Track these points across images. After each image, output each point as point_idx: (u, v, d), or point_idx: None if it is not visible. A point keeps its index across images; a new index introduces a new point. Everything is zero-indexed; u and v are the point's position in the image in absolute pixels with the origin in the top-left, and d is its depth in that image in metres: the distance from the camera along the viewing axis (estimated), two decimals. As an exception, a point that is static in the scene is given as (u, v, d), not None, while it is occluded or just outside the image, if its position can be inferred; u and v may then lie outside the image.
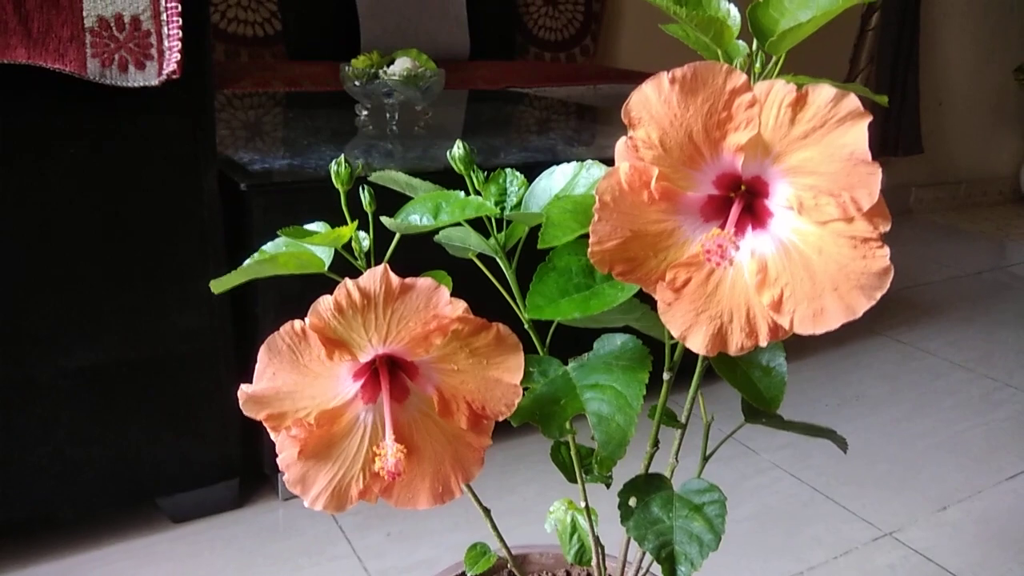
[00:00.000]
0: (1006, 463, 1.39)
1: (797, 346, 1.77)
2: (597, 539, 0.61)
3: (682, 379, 0.52)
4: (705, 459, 0.59)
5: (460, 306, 0.38)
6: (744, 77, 0.34)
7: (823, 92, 0.32)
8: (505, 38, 3.18)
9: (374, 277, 0.35)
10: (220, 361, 1.06)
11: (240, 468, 1.14)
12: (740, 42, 0.46)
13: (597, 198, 0.37)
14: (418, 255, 0.55)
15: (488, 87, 2.46)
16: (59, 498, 1.01)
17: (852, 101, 0.32)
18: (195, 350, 1.03)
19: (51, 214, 0.90)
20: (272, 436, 0.38)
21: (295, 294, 1.02)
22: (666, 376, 0.53)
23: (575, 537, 0.63)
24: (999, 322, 2.04)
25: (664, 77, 0.35)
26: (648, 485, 0.55)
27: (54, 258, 0.92)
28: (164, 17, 0.86)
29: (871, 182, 0.33)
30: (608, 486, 0.59)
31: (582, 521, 0.62)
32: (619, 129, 0.40)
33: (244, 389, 0.36)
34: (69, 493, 1.01)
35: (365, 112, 1.61)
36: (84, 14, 0.83)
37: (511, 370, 0.39)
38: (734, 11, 0.44)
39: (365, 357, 0.38)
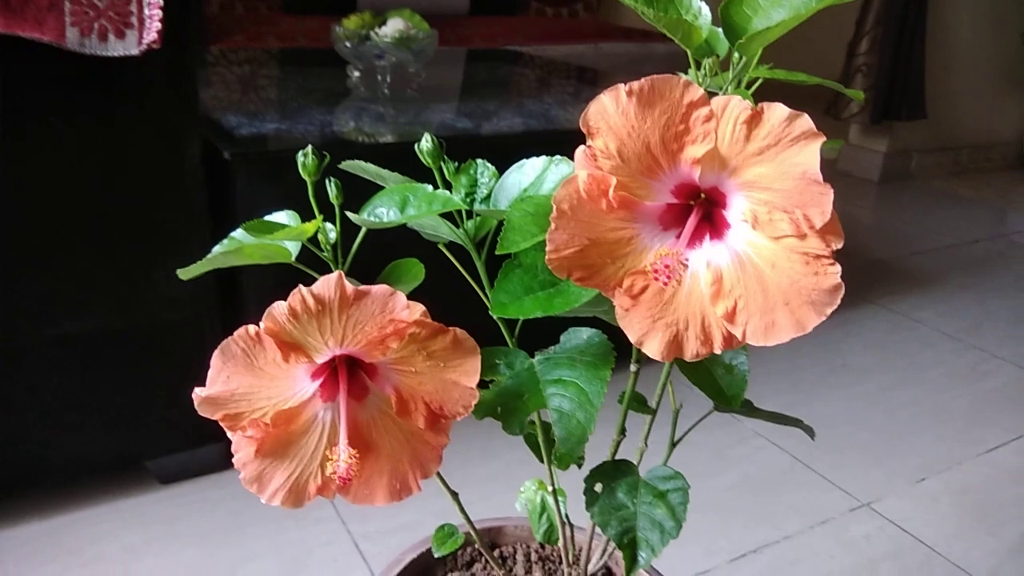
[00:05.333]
0: (988, 435, 1.41)
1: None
2: (565, 520, 0.62)
3: (654, 364, 0.52)
4: (672, 445, 0.60)
5: (417, 310, 0.38)
6: (701, 91, 0.34)
7: (777, 111, 0.32)
8: (506, -8, 3.12)
9: (328, 284, 0.36)
10: (205, 327, 1.06)
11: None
12: (718, 29, 0.45)
13: (555, 207, 0.37)
14: (391, 240, 0.55)
15: (486, 45, 2.42)
16: (47, 461, 1.03)
17: (805, 122, 0.32)
18: (181, 317, 1.03)
19: (34, 185, 0.90)
20: (229, 435, 0.38)
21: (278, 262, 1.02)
22: (633, 368, 0.54)
23: (544, 517, 0.64)
24: (992, 292, 2.04)
25: (622, 89, 0.34)
26: (615, 471, 0.56)
27: (39, 229, 0.92)
28: (144, -17, 0.84)
29: (823, 201, 0.33)
30: (580, 466, 0.60)
31: (551, 502, 0.63)
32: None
33: (198, 392, 0.36)
34: (57, 456, 1.03)
35: (357, 73, 1.59)
36: (62, -21, 0.82)
37: (468, 373, 0.39)
38: (705, 10, 0.43)
39: (322, 359, 0.39)
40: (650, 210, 0.38)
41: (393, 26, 1.50)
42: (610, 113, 0.35)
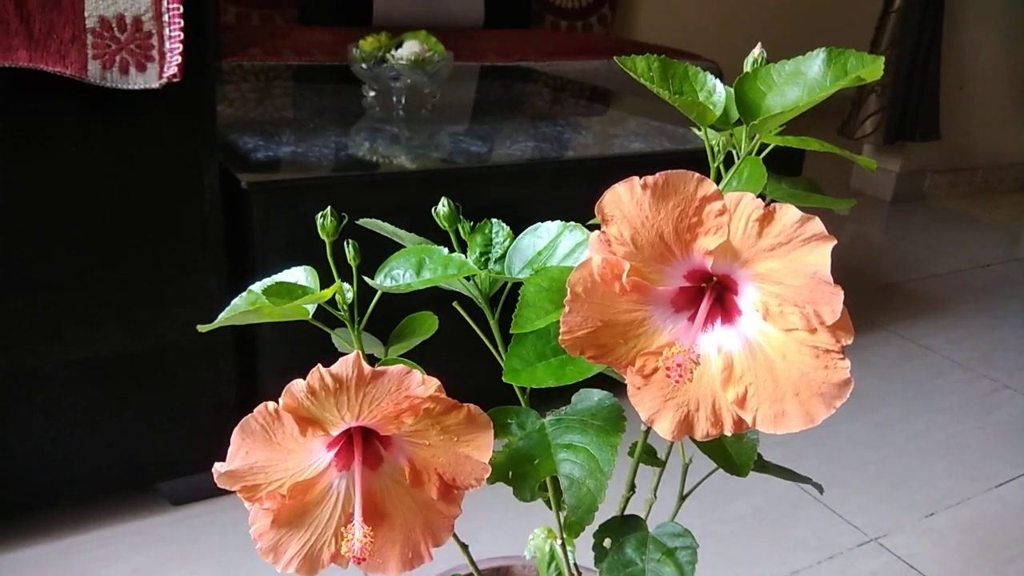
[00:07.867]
0: (997, 469, 1.40)
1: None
2: (574, 571, 0.63)
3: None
4: (682, 499, 0.61)
5: (432, 385, 0.39)
6: (715, 187, 0.34)
7: (789, 213, 0.33)
8: (520, 5, 3.13)
9: (346, 364, 0.36)
10: (219, 352, 1.08)
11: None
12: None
13: (569, 289, 0.38)
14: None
15: (500, 61, 2.43)
16: (60, 482, 1.04)
17: (816, 225, 0.32)
18: (194, 342, 1.04)
19: (54, 211, 0.91)
20: (246, 506, 0.39)
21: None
22: (643, 427, 0.54)
23: (553, 566, 0.64)
24: (1003, 319, 2.03)
25: (636, 181, 0.35)
26: (623, 526, 0.56)
27: (57, 253, 0.93)
28: (166, 18, 0.85)
29: (834, 300, 0.33)
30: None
31: (560, 552, 0.64)
32: (630, 115, 0.39)
33: (218, 468, 0.37)
34: (70, 477, 1.04)
35: (372, 93, 1.61)
36: (86, 15, 0.83)
37: (481, 448, 0.40)
38: (719, 88, 0.44)
39: (337, 431, 0.39)
40: (662, 293, 0.39)
41: (409, 48, 1.51)
42: (624, 203, 0.36)
